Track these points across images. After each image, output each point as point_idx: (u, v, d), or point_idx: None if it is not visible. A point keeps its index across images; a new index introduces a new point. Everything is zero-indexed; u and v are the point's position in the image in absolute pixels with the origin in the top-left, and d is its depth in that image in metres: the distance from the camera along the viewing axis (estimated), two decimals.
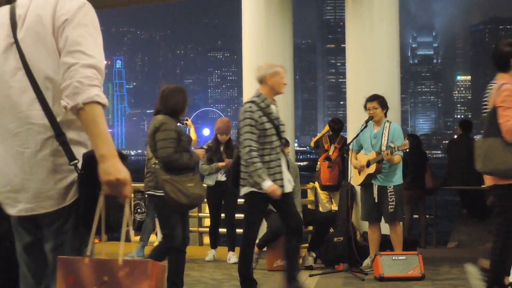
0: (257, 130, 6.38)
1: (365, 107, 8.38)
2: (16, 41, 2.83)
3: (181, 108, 6.30)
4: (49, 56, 2.78)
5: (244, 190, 6.46)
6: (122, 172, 2.67)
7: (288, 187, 6.53)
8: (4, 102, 2.85)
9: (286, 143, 8.13)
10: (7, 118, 2.84)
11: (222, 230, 9.82)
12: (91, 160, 2.70)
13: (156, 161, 6.18)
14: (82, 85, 2.67)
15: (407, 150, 8.27)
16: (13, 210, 2.86)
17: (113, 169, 2.66)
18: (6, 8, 2.93)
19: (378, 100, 8.29)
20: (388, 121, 8.31)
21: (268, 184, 6.29)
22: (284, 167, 6.52)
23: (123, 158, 2.80)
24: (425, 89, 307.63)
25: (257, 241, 8.71)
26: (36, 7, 2.85)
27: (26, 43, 2.82)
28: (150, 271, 2.61)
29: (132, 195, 12.25)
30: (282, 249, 7.11)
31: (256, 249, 8.67)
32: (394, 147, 8.00)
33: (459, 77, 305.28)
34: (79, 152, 2.76)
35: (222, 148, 9.21)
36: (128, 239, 11.31)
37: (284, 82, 6.68)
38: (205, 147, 6.51)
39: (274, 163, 6.42)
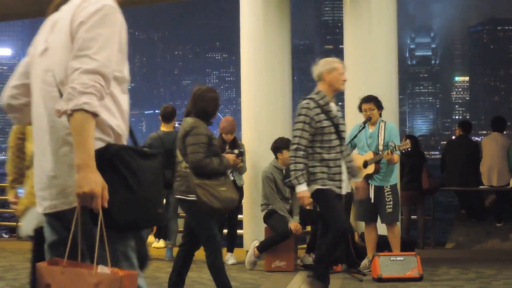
0: (311, 128, 6.21)
1: (359, 108, 8.38)
2: (49, 45, 2.91)
3: (212, 111, 6.14)
4: (67, 56, 2.82)
5: (309, 190, 6.27)
6: (89, 185, 2.64)
7: (345, 189, 6.36)
8: (39, 101, 2.93)
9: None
10: (40, 117, 2.92)
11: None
12: (102, 155, 2.72)
13: (187, 165, 6.02)
14: (74, 91, 2.68)
15: (409, 149, 8.28)
16: (40, 209, 2.92)
17: (83, 181, 2.65)
18: (53, 14, 3.02)
19: (374, 101, 8.31)
20: (382, 120, 8.32)
21: (301, 189, 6.14)
22: (344, 168, 6.33)
23: (146, 156, 2.80)
24: (423, 90, 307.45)
25: (257, 243, 8.73)
26: (64, 12, 2.91)
27: (53, 47, 2.89)
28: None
29: None
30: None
31: (256, 252, 8.68)
32: (395, 147, 8.00)
33: (457, 78, 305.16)
34: (99, 146, 2.78)
35: (227, 148, 8.97)
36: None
37: (343, 78, 6.43)
38: (236, 151, 6.30)
39: (333, 162, 6.25)
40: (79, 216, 2.71)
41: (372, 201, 8.19)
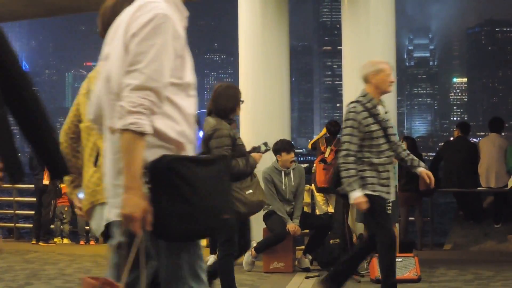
0: (360, 133, 5.97)
1: None
2: (109, 51, 2.92)
3: (231, 108, 6.01)
4: (122, 69, 2.81)
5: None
6: (130, 208, 2.65)
7: (393, 194, 6.17)
8: (105, 108, 2.95)
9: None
10: (106, 124, 2.95)
11: None
12: (156, 168, 2.71)
13: None
14: (123, 110, 2.69)
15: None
16: (110, 216, 2.95)
17: (125, 203, 2.67)
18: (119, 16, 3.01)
19: None
20: None
21: (356, 195, 5.90)
22: (392, 174, 6.14)
23: (203, 163, 2.78)
24: (421, 91, 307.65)
25: (255, 244, 8.72)
26: (124, 17, 2.89)
27: (112, 54, 2.88)
28: None
29: None
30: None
31: (253, 253, 8.67)
32: None
33: (455, 79, 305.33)
34: (158, 155, 2.75)
35: None
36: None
37: (390, 79, 6.21)
38: (263, 149, 6.03)
39: (382, 167, 6.01)
40: (129, 233, 2.72)
41: None
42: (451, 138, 12.49)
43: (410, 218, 11.44)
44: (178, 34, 2.82)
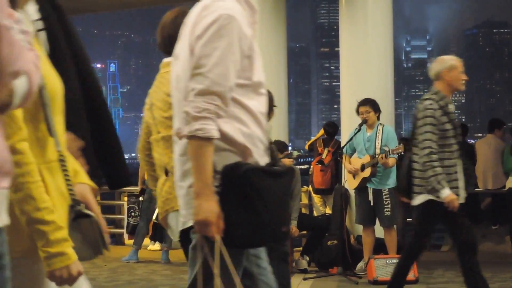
0: (438, 131, 5.72)
1: (357, 111, 8.38)
2: (179, 51, 2.91)
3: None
4: (188, 71, 2.79)
5: (419, 199, 5.81)
6: (203, 214, 2.65)
7: (462, 196, 5.90)
8: (175, 107, 2.94)
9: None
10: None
11: None
12: (230, 176, 2.68)
13: None
14: (189, 116, 2.68)
15: (402, 153, 8.28)
16: (182, 218, 2.95)
17: (198, 209, 2.66)
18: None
19: (370, 104, 8.30)
20: (381, 124, 8.32)
21: (446, 193, 5.62)
22: (460, 175, 5.86)
23: (277, 175, 2.76)
24: (419, 93, 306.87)
25: None
26: (191, 16, 2.86)
27: (181, 54, 2.87)
28: None
29: (126, 199, 12.17)
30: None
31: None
32: (389, 150, 8.00)
33: None
34: (228, 161, 2.73)
35: None
36: (121, 243, 11.24)
37: (463, 77, 5.96)
38: (295, 154, 5.78)
39: (453, 168, 5.76)
40: (201, 240, 2.72)
41: (371, 204, 8.20)
42: None
43: (407, 219, 11.43)
44: (244, 34, 2.77)
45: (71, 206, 2.28)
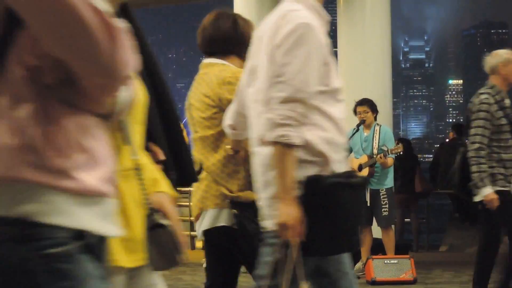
0: (492, 126, 5.64)
1: (354, 111, 8.39)
2: (257, 63, 2.92)
3: None
4: (268, 80, 2.81)
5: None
6: (282, 217, 2.70)
7: None
8: (252, 119, 2.97)
9: None
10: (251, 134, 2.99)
11: None
12: (313, 189, 2.74)
13: None
14: (272, 123, 2.72)
15: (401, 153, 8.29)
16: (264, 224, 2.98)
17: (279, 212, 2.72)
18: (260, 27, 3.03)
19: (368, 104, 8.31)
20: (378, 124, 8.33)
21: (487, 191, 5.53)
22: None
23: (356, 188, 2.83)
24: (417, 93, 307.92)
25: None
26: (266, 27, 2.90)
27: (260, 66, 2.88)
28: None
29: None
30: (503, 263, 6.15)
31: None
32: (387, 150, 8.01)
33: (451, 81, 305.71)
34: (306, 171, 2.77)
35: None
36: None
37: None
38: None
39: (510, 163, 5.66)
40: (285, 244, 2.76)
41: (368, 204, 8.20)
42: (447, 140, 12.50)
43: (406, 219, 11.45)
44: (321, 42, 2.81)
45: (147, 216, 2.29)
